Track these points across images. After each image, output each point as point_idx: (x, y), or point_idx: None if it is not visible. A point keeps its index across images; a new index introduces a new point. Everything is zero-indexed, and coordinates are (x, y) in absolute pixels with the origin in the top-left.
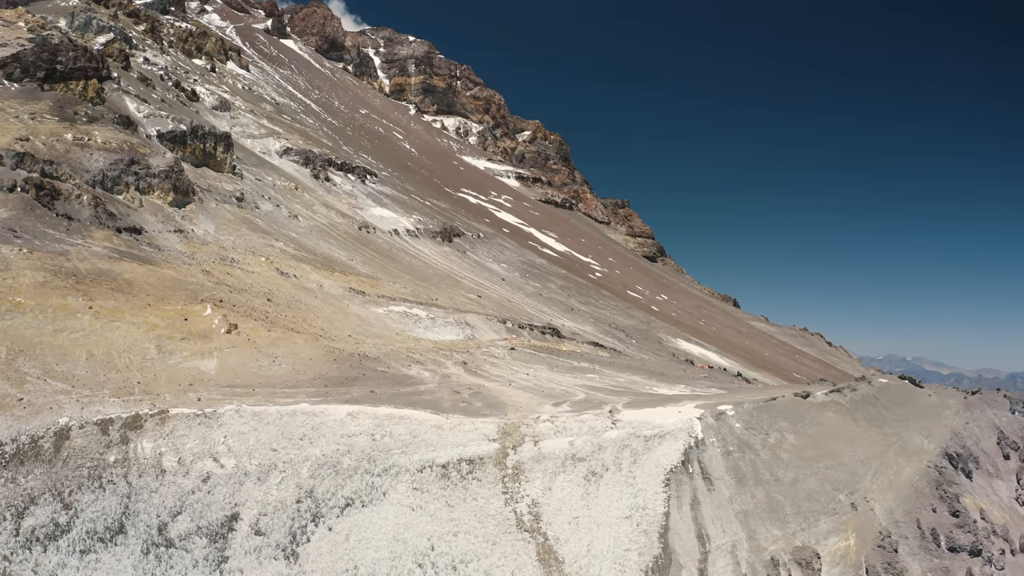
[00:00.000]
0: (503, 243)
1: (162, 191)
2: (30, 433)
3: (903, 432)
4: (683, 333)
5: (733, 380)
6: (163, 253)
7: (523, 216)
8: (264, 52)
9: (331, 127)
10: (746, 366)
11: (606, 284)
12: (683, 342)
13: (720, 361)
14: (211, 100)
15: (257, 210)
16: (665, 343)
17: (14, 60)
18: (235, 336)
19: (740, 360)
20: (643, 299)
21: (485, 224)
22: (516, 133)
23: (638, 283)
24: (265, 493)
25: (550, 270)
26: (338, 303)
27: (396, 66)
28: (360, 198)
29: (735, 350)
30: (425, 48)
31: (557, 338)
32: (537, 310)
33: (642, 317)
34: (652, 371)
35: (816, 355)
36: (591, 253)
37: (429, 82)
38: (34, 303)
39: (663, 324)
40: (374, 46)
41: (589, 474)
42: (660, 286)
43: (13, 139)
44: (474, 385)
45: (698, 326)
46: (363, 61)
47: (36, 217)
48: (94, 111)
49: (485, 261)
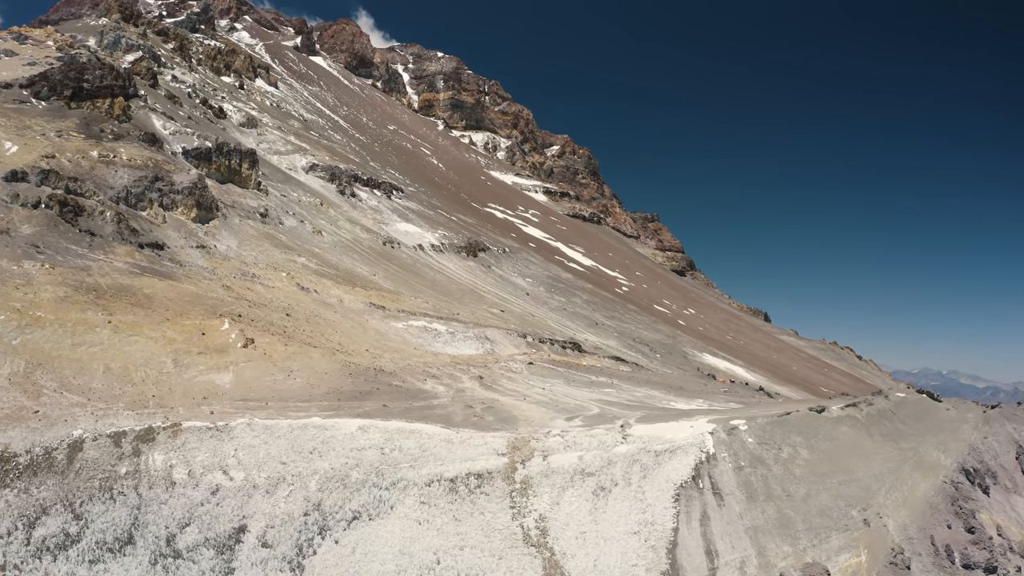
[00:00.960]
0: (529, 257)
1: (185, 207)
2: (44, 445)
3: (919, 447)
4: (709, 347)
5: (754, 394)
6: (184, 268)
7: (550, 230)
8: (293, 69)
9: (359, 143)
10: (773, 380)
11: (632, 298)
12: (709, 356)
13: (746, 375)
14: (238, 117)
15: (281, 226)
16: (690, 357)
17: (42, 79)
18: (251, 350)
19: (767, 374)
20: (670, 313)
21: (511, 239)
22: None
23: (665, 297)
24: (273, 506)
25: (576, 284)
26: (357, 318)
27: (425, 82)
28: (385, 213)
29: (762, 364)
30: (453, 64)
31: (578, 352)
32: (561, 324)
33: (668, 331)
34: (671, 385)
35: (846, 369)
36: (618, 267)
37: (457, 98)
38: (54, 317)
39: (689, 338)
40: (403, 62)
41: (598, 489)
42: (688, 300)
43: (39, 156)
44: (488, 399)
45: (725, 340)
46: (392, 77)
47: (59, 233)
48: (120, 128)
49: (510, 276)
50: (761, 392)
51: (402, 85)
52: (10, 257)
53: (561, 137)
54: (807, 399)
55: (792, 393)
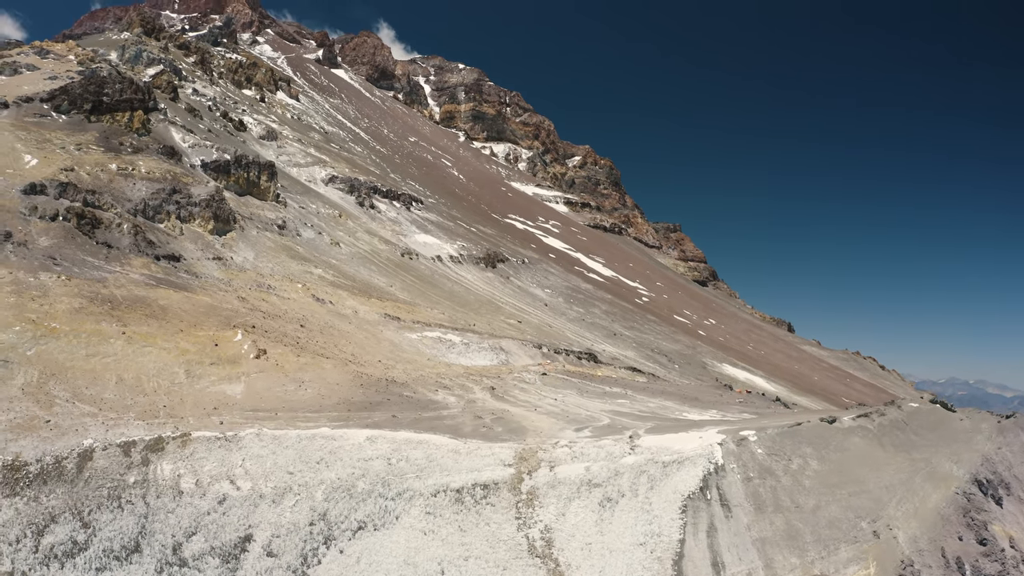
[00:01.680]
0: (548, 268)
1: (203, 219)
2: (55, 454)
3: (932, 458)
4: (729, 358)
5: (770, 405)
6: (200, 280)
7: (570, 241)
8: (315, 82)
9: (379, 155)
10: (793, 391)
11: (652, 309)
12: (729, 367)
13: (766, 386)
14: (258, 130)
15: (298, 237)
16: (710, 368)
17: (62, 92)
18: (263, 361)
19: (787, 385)
20: (690, 324)
21: (531, 250)
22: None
23: (686, 307)
24: (279, 515)
25: (595, 295)
26: (372, 329)
27: (446, 94)
28: (404, 225)
29: (783, 375)
30: (475, 75)
31: (593, 363)
32: (578, 335)
33: (687, 342)
34: (686, 396)
35: (868, 379)
36: (639, 278)
37: (479, 109)
38: (69, 328)
39: (709, 349)
40: (424, 74)
41: (604, 500)
42: (709, 310)
43: (58, 169)
44: (498, 410)
45: (746, 350)
46: (413, 89)
47: (77, 245)
48: (139, 142)
49: (528, 287)
50: (778, 403)
51: (423, 97)
52: (27, 269)
53: (583, 148)
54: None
55: (812, 403)
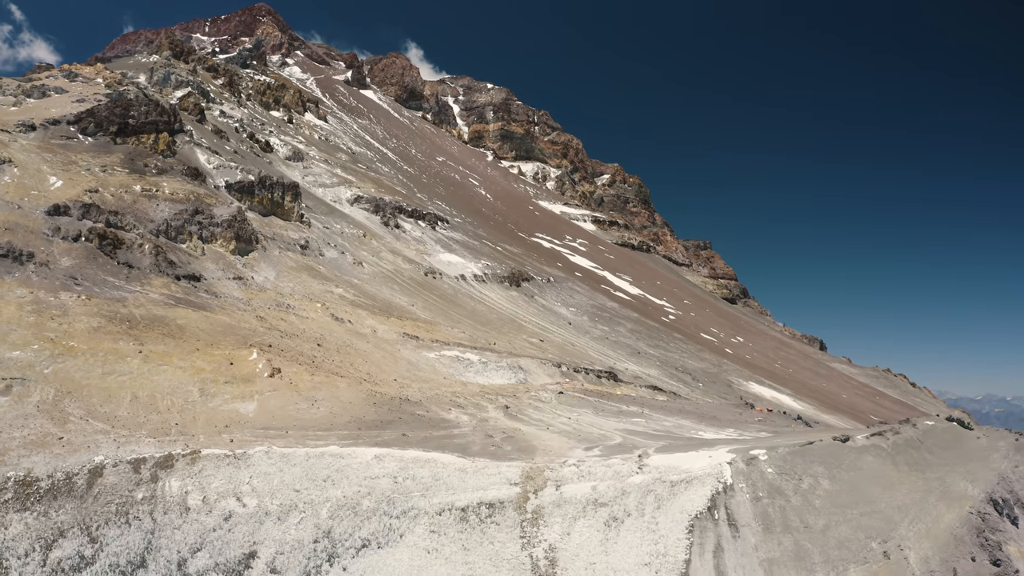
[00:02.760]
0: (574, 287)
1: (224, 240)
2: (66, 470)
3: (946, 477)
4: (756, 376)
5: (791, 423)
6: (219, 299)
7: (597, 259)
8: (343, 103)
9: (406, 175)
10: (820, 409)
11: (679, 327)
12: (755, 385)
13: (793, 404)
14: (284, 151)
15: (321, 257)
16: (735, 386)
17: (89, 115)
18: (277, 380)
19: (815, 403)
20: (717, 342)
21: (557, 268)
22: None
23: (713, 325)
24: (284, 532)
25: (620, 313)
26: (390, 348)
27: (475, 113)
28: (429, 244)
29: (810, 392)
30: (503, 95)
31: (613, 382)
32: (601, 354)
33: (714, 360)
34: (704, 415)
35: (898, 396)
36: (666, 296)
37: (507, 128)
38: (86, 347)
39: (735, 367)
40: (453, 94)
41: (610, 519)
42: (737, 328)
43: (83, 191)
44: (510, 429)
45: (773, 368)
46: (442, 109)
47: (98, 265)
48: (164, 163)
49: (553, 305)
50: (799, 421)
51: (452, 117)
52: (48, 288)
53: (612, 166)
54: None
55: (839, 422)
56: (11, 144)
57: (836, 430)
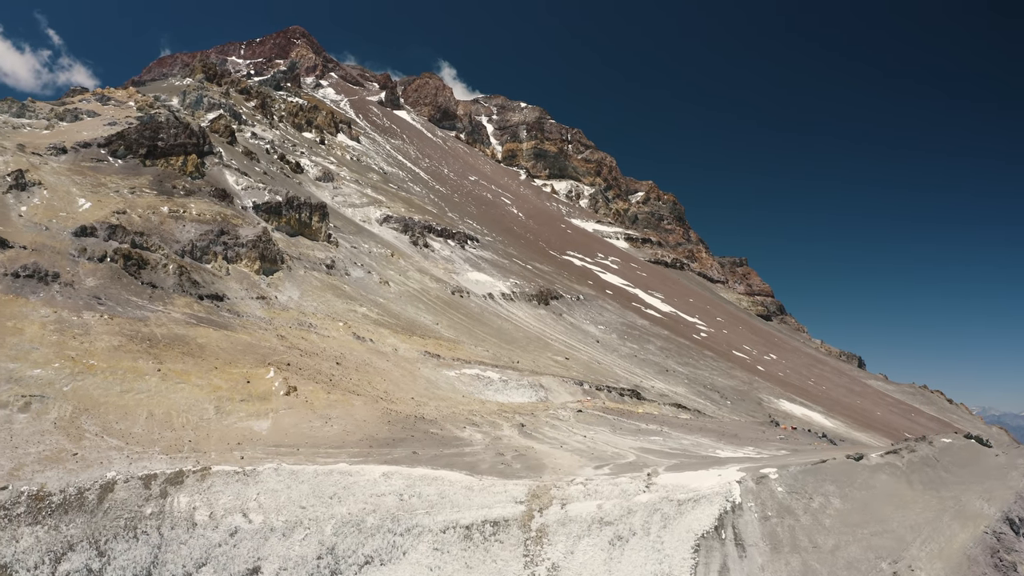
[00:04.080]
0: (604, 305)
1: (249, 259)
2: (78, 485)
3: (962, 495)
4: (787, 393)
5: (815, 441)
6: (241, 319)
7: (629, 277)
8: (376, 123)
9: (438, 194)
10: (852, 426)
11: (710, 344)
12: (786, 402)
13: (824, 422)
14: (315, 171)
15: (347, 276)
16: (765, 404)
17: (119, 138)
18: (293, 398)
19: (847, 420)
20: (749, 359)
21: (588, 286)
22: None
23: (746, 343)
24: (288, 548)
25: (651, 331)
26: (410, 366)
27: (508, 132)
28: (457, 263)
29: (843, 410)
30: (536, 114)
31: (636, 400)
32: (628, 372)
33: (744, 377)
34: (724, 433)
35: (934, 413)
36: (698, 313)
37: (540, 147)
38: (106, 366)
39: (766, 384)
40: (487, 113)
41: (615, 538)
42: (770, 345)
43: (110, 212)
44: (522, 447)
45: (806, 386)
46: (475, 129)
47: (122, 285)
48: (192, 184)
49: (581, 323)
50: (824, 439)
51: (486, 136)
52: (71, 308)
53: (646, 183)
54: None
55: (871, 440)
56: (42, 167)
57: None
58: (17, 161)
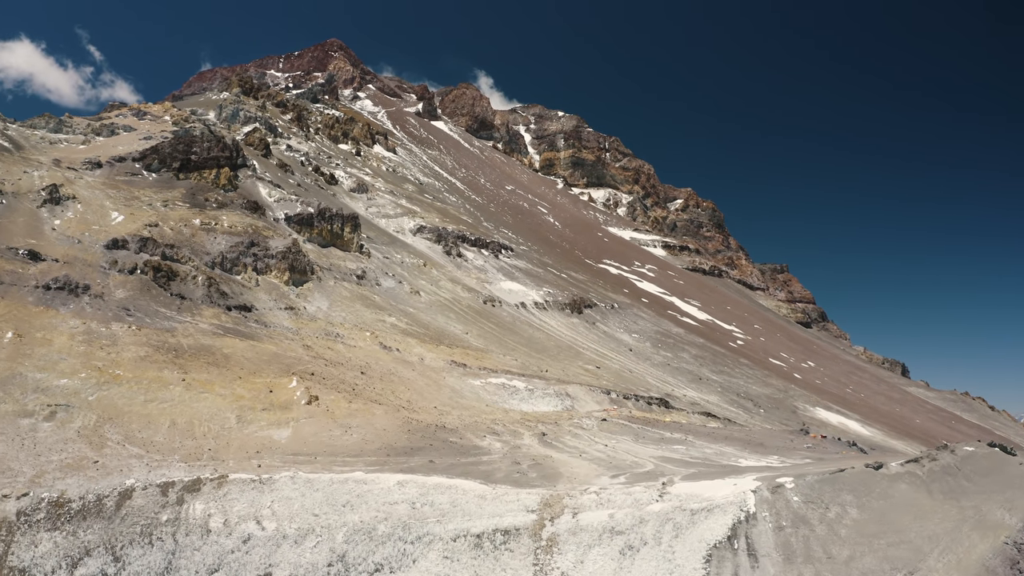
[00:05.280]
0: (638, 313)
1: (279, 271)
2: (97, 492)
3: (983, 505)
4: (824, 401)
5: (842, 450)
6: (268, 329)
7: (665, 285)
8: (413, 134)
9: (474, 204)
10: (889, 435)
11: (747, 352)
12: (822, 411)
13: (860, 430)
14: (349, 183)
15: (377, 287)
16: (800, 412)
17: (153, 152)
18: (314, 407)
19: (884, 428)
20: (786, 367)
21: (623, 294)
22: (667, 202)
23: (784, 350)
24: (299, 556)
25: (686, 339)
26: (435, 375)
27: (545, 141)
28: (490, 272)
29: (881, 418)
30: (573, 122)
31: (664, 409)
32: (660, 380)
33: (780, 385)
34: (750, 442)
35: (976, 420)
36: (736, 320)
37: (578, 155)
38: (132, 375)
39: (803, 392)
40: (525, 123)
41: (625, 548)
42: (808, 352)
43: (142, 225)
44: (540, 456)
45: (843, 393)
46: (513, 138)
47: (151, 297)
48: (224, 197)
49: (615, 332)
50: (855, 447)
51: (523, 145)
52: (100, 319)
53: (684, 190)
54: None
55: (907, 448)
56: (76, 181)
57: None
58: (52, 176)
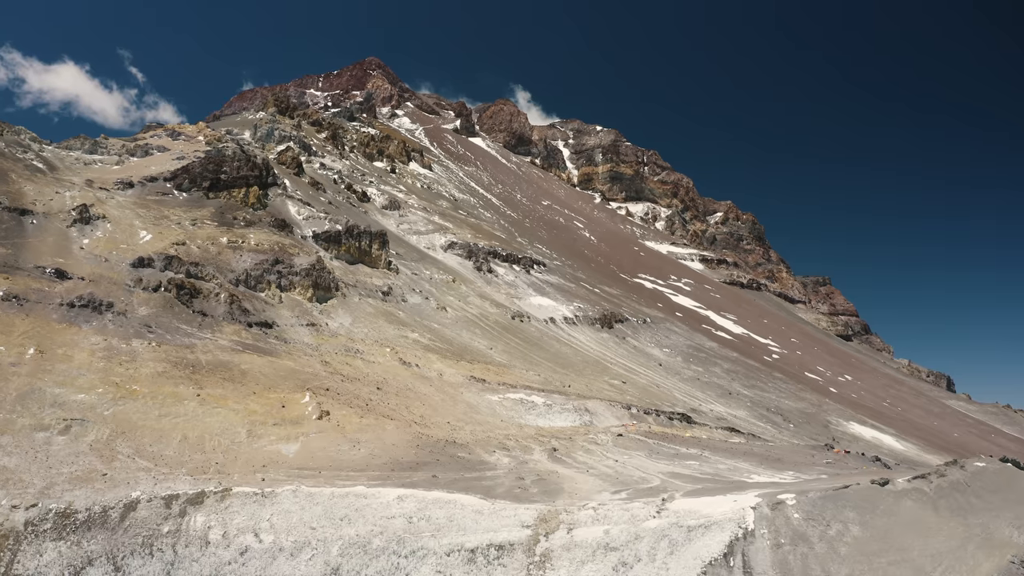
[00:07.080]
0: (671, 327)
1: (303, 287)
2: (103, 504)
3: (990, 522)
4: (859, 415)
5: (864, 466)
6: (288, 345)
7: (701, 299)
8: (450, 151)
9: (508, 219)
10: (925, 449)
11: (781, 366)
12: (856, 425)
13: (895, 444)
14: (381, 200)
15: (403, 303)
16: (832, 426)
17: (183, 172)
18: (325, 422)
19: (920, 443)
20: (822, 380)
21: (657, 309)
22: (707, 215)
23: (820, 363)
24: (294, 568)
25: (719, 353)
26: (452, 391)
27: (584, 156)
28: (521, 288)
29: (917, 432)
30: (612, 136)
31: (686, 424)
32: (688, 395)
33: (814, 399)
34: (768, 457)
35: (1017, 434)
36: (772, 334)
37: (616, 170)
38: (148, 391)
39: (837, 406)
40: (563, 138)
41: (619, 564)
42: (846, 366)
43: (169, 244)
44: (546, 472)
45: (880, 407)
46: (550, 154)
47: (173, 314)
48: (253, 215)
49: (646, 346)
50: (878, 462)
51: (561, 161)
52: (121, 336)
53: (724, 204)
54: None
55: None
56: (107, 201)
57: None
58: (84, 196)
